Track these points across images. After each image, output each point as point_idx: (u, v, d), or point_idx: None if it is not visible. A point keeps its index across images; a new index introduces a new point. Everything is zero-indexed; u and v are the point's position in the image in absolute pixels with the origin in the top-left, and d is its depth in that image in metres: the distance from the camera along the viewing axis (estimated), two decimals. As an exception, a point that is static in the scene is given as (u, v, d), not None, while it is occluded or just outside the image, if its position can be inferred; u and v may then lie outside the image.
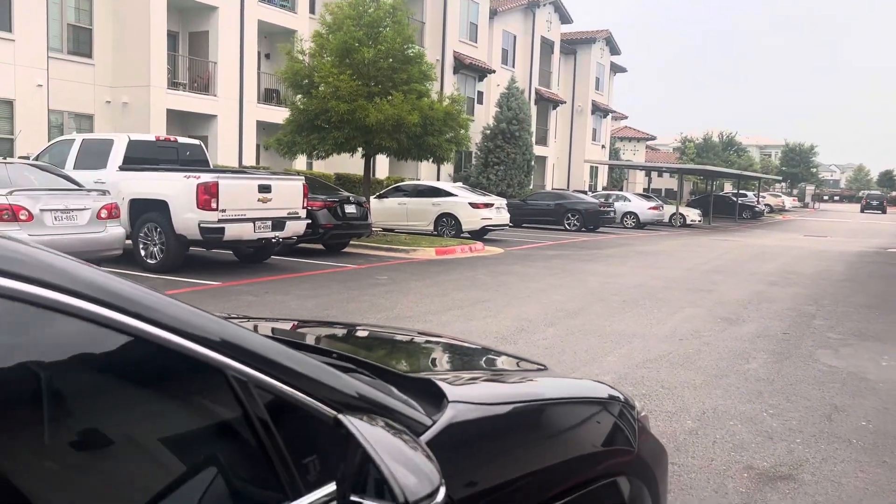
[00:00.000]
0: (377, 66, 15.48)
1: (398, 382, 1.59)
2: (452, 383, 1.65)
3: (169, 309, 1.09)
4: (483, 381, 1.92)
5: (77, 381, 1.04)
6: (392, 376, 1.65)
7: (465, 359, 2.41)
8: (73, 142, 11.99)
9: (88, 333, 1.01)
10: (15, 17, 17.31)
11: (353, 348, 2.19)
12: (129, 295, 1.06)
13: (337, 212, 13.75)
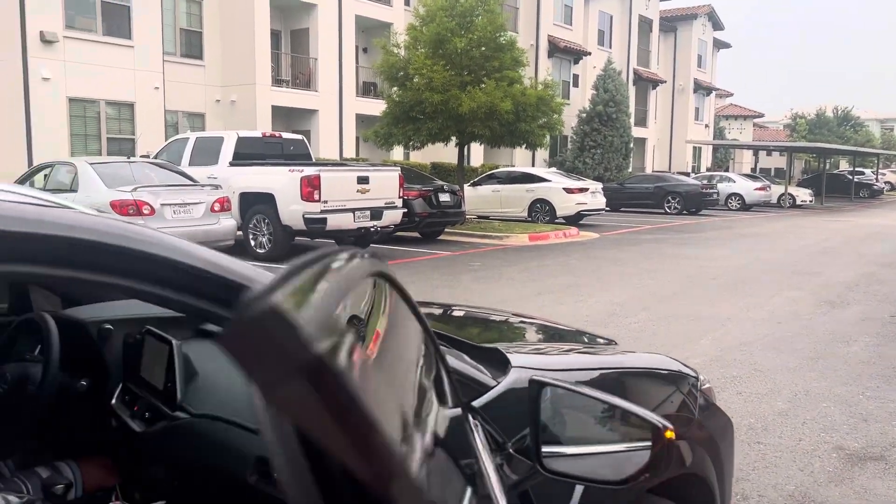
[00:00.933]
0: (469, 56, 15.69)
1: (469, 350, 1.81)
2: (517, 352, 1.85)
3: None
4: (546, 351, 2.12)
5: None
6: (465, 345, 1.87)
7: (535, 333, 2.60)
8: (188, 140, 12.85)
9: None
10: (134, 25, 18.59)
11: (435, 322, 2.43)
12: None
13: (432, 200, 14.08)
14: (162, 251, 1.23)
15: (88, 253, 1.15)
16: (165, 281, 1.22)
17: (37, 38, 16.69)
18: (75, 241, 1.14)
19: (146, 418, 1.81)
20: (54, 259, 1.11)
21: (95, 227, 1.19)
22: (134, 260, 1.18)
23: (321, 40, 23.17)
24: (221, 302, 1.26)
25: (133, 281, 1.19)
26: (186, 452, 1.68)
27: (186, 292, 1.24)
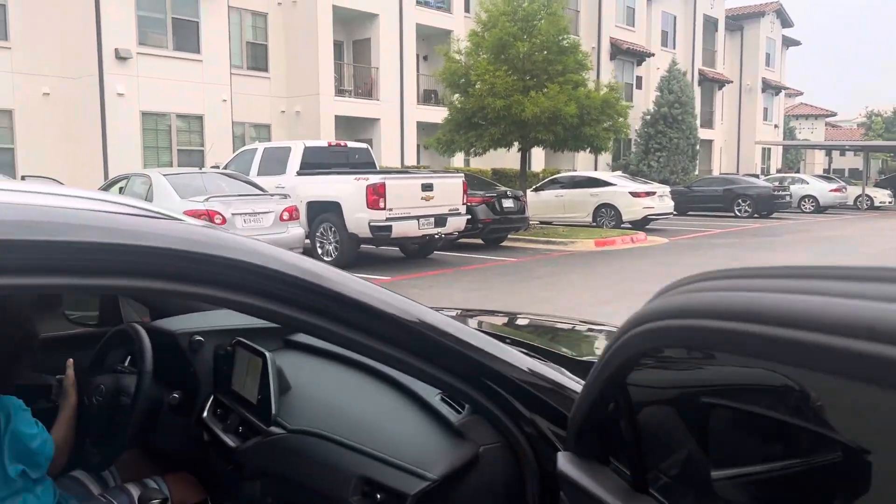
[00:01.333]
0: (532, 60, 15.57)
1: (568, 365, 1.71)
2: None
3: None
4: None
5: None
6: (563, 359, 1.77)
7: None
8: (256, 150, 13.10)
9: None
10: (202, 40, 19.12)
11: (525, 335, 2.34)
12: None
13: (495, 206, 13.98)
14: (268, 262, 1.18)
15: (192, 265, 1.11)
16: (270, 293, 1.18)
17: (112, 56, 17.33)
18: (179, 253, 1.10)
19: (239, 433, 1.77)
20: (166, 274, 1.07)
21: (195, 238, 1.15)
22: (243, 272, 1.14)
23: (383, 50, 23.39)
24: (320, 312, 1.21)
25: (240, 294, 1.15)
26: (282, 469, 1.63)
27: (288, 303, 1.19)
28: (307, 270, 1.22)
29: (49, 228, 1.00)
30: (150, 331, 2.03)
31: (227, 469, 1.80)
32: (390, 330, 1.27)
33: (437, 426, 1.47)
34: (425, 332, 1.29)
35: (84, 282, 1.03)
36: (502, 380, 1.35)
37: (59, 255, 0.99)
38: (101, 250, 1.02)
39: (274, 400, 1.69)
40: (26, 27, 17.40)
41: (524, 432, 1.38)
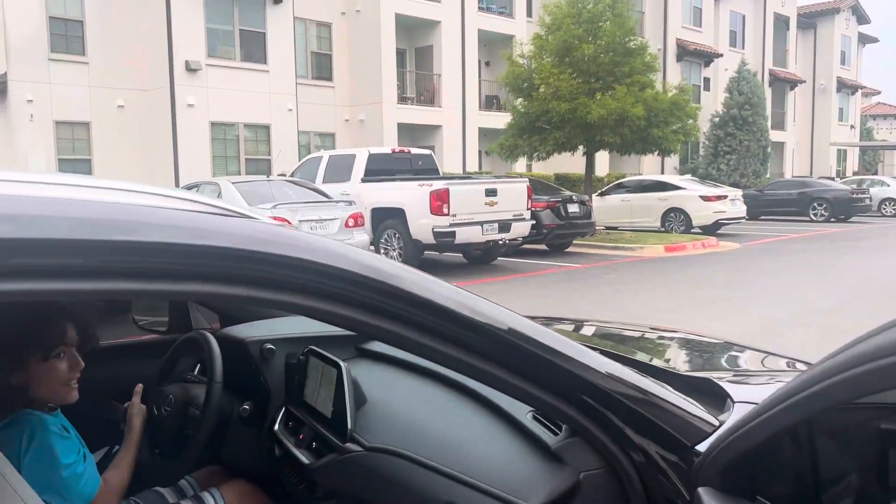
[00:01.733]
0: (597, 62, 15.28)
1: (673, 380, 1.54)
2: (733, 382, 1.56)
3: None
4: (763, 381, 1.80)
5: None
6: (667, 374, 1.60)
7: (730, 356, 2.28)
8: (321, 158, 13.21)
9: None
10: (269, 51, 19.49)
11: (616, 346, 2.16)
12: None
13: (560, 211, 13.72)
14: (346, 265, 1.06)
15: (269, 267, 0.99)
16: (349, 298, 1.05)
17: (182, 68, 17.81)
18: (255, 254, 0.99)
19: (312, 448, 1.66)
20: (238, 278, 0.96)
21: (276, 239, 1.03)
22: (321, 276, 1.02)
23: (445, 56, 23.40)
24: (401, 318, 1.09)
25: (318, 301, 1.03)
26: (359, 491, 1.51)
27: (367, 309, 1.07)
28: (387, 273, 1.09)
29: (111, 227, 0.89)
30: (219, 338, 1.95)
31: (300, 487, 1.69)
32: (478, 339, 1.13)
33: (532, 448, 1.32)
34: (518, 342, 1.15)
35: (147, 287, 0.92)
36: (605, 397, 1.20)
37: (121, 256, 0.89)
38: (165, 251, 0.92)
39: (350, 414, 1.57)
40: (102, 42, 18.05)
41: (630, 457, 1.22)
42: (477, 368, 1.14)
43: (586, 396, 1.19)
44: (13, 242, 0.82)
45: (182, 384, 1.98)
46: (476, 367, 1.14)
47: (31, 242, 0.83)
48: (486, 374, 1.15)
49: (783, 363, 2.30)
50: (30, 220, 0.84)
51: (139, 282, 0.90)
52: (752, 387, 1.59)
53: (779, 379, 1.89)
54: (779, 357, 2.36)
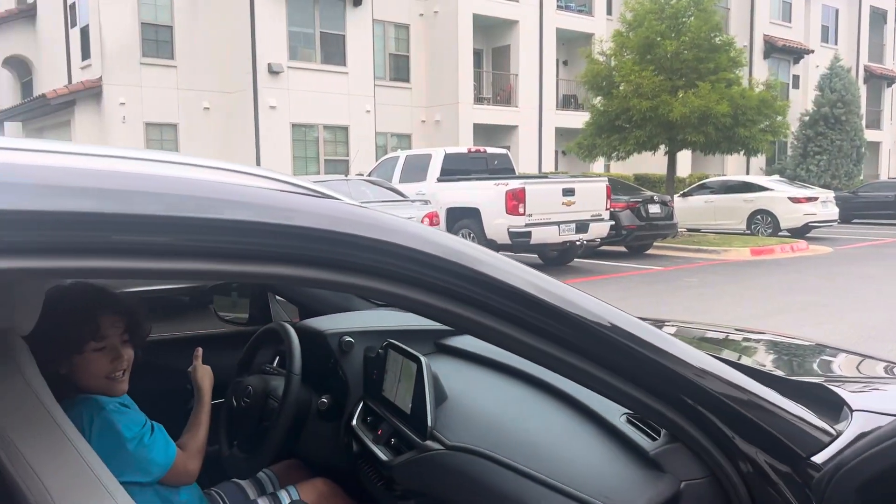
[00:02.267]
0: (681, 59, 14.85)
1: (779, 385, 1.41)
2: (848, 389, 1.42)
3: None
4: (876, 387, 1.64)
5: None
6: (772, 378, 1.47)
7: (825, 360, 2.10)
8: (398, 158, 13.29)
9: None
10: (348, 53, 19.79)
11: (716, 347, 2.03)
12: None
13: (640, 212, 13.37)
14: (435, 250, 1.00)
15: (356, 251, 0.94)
16: (436, 286, 0.99)
17: (265, 71, 18.29)
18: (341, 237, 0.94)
19: (391, 445, 1.60)
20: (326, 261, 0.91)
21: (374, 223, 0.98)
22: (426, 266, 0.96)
23: (522, 56, 23.24)
24: (491, 309, 1.01)
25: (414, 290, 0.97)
26: (440, 492, 1.44)
27: (457, 299, 1.00)
28: (478, 260, 1.02)
29: (201, 205, 0.85)
30: (298, 330, 1.92)
31: (377, 484, 1.64)
32: (573, 333, 1.04)
33: (626, 454, 1.22)
34: (618, 338, 1.06)
35: (232, 268, 0.88)
36: (710, 399, 1.09)
37: (209, 235, 0.84)
38: (251, 231, 0.87)
39: (430, 411, 1.51)
40: (190, 47, 18.72)
41: (737, 466, 1.11)
42: (571, 365, 1.06)
43: (689, 398, 1.09)
44: (114, 218, 0.79)
45: (261, 376, 1.97)
46: (570, 363, 1.05)
47: (128, 218, 0.80)
48: (581, 372, 1.06)
49: (881, 368, 2.12)
50: (128, 196, 0.81)
51: (224, 263, 0.86)
52: (872, 394, 1.44)
53: (885, 385, 1.73)
54: (877, 361, 2.18)
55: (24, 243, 0.75)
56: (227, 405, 2.02)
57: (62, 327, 1.48)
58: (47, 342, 1.45)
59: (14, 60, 22.49)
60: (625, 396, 1.09)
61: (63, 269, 0.80)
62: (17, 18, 22.24)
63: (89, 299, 1.54)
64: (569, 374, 1.08)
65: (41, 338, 1.43)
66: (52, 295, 1.47)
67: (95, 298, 1.54)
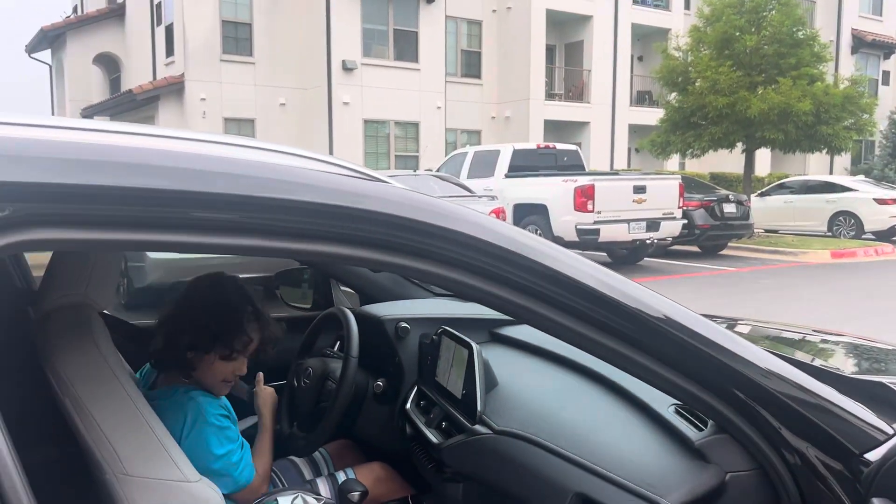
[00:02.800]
0: (760, 54, 14.37)
1: (838, 382, 1.38)
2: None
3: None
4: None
5: None
6: (831, 375, 1.44)
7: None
8: (466, 154, 13.33)
9: None
10: (420, 49, 19.95)
11: (772, 343, 1.99)
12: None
13: (714, 211, 13.01)
14: (494, 238, 1.02)
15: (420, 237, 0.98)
16: (490, 273, 1.01)
17: (339, 67, 18.62)
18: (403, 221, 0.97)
19: (442, 428, 1.64)
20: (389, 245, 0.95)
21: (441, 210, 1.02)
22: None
23: (595, 51, 22.91)
24: (546, 299, 1.03)
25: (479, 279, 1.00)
26: (487, 474, 1.47)
27: (512, 287, 1.03)
28: (537, 251, 1.04)
29: (273, 186, 0.91)
30: (357, 315, 1.98)
31: (428, 466, 1.68)
32: (627, 325, 1.05)
33: (672, 443, 1.22)
34: (669, 329, 1.06)
35: (298, 246, 0.93)
36: (761, 393, 1.08)
37: (279, 215, 0.90)
38: (323, 213, 0.92)
39: (480, 396, 1.54)
40: (267, 44, 19.22)
41: (785, 461, 1.10)
42: (623, 356, 1.07)
43: (739, 391, 1.08)
44: (192, 195, 0.85)
45: (321, 358, 2.04)
46: (622, 353, 1.07)
47: (206, 196, 0.86)
48: (633, 363, 1.07)
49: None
50: (207, 176, 0.87)
51: (292, 241, 0.91)
52: None
53: None
54: None
55: (116, 217, 0.82)
56: (289, 386, 2.10)
57: (221, 323, 1.57)
58: (199, 327, 1.56)
59: (104, 58, 23.60)
60: (674, 387, 1.09)
61: (146, 242, 0.87)
62: (108, 18, 23.33)
63: (253, 311, 1.62)
64: (622, 364, 1.09)
65: (195, 319, 1.56)
66: (221, 286, 1.61)
67: (256, 313, 1.62)
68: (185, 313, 1.60)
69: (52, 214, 0.79)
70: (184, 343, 1.57)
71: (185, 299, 1.63)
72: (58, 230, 0.80)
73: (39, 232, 0.78)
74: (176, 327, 1.59)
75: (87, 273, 1.50)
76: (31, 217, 0.77)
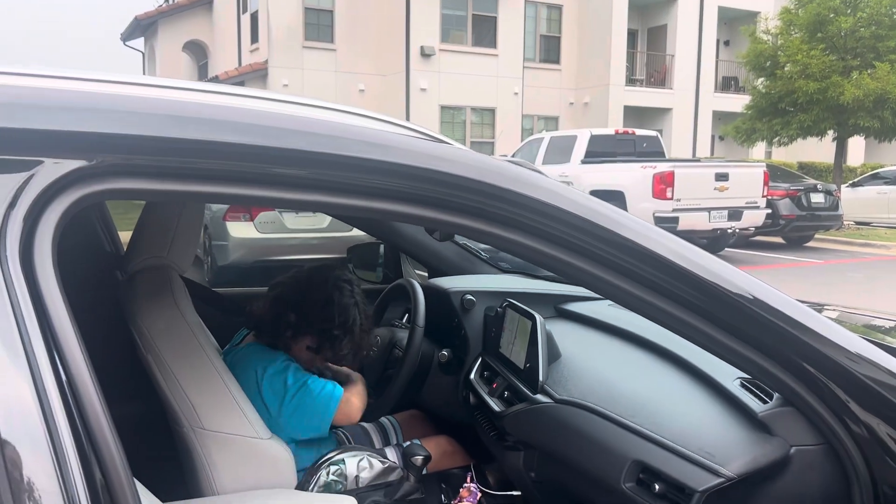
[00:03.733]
0: (856, 37, 13.66)
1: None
2: None
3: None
4: None
5: None
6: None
7: None
8: (542, 140, 13.21)
9: None
10: (499, 35, 19.84)
11: (854, 328, 1.92)
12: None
13: (801, 201, 12.48)
14: (566, 205, 1.03)
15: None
16: (563, 240, 1.03)
17: (417, 53, 18.73)
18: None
19: (504, 398, 1.66)
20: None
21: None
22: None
23: (679, 36, 22.24)
24: (616, 267, 1.04)
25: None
26: (546, 442, 1.48)
27: (581, 253, 1.04)
28: (612, 220, 1.05)
29: (353, 145, 0.94)
30: (425, 288, 2.02)
31: (490, 435, 1.71)
32: (696, 294, 1.05)
33: (735, 415, 1.20)
34: (739, 301, 1.05)
35: (375, 205, 0.96)
36: (831, 366, 1.05)
37: (355, 174, 0.93)
38: (400, 173, 0.95)
39: (542, 366, 1.55)
40: (348, 30, 19.51)
41: (853, 436, 1.07)
42: (689, 325, 1.07)
43: (807, 364, 1.06)
44: (271, 151, 0.89)
45: (389, 328, 2.10)
46: (697, 327, 1.07)
47: (282, 152, 0.90)
48: (707, 336, 1.07)
49: None
50: (284, 133, 0.91)
51: (368, 199, 0.95)
52: None
53: None
54: None
55: (206, 171, 0.88)
56: None
57: (328, 324, 1.69)
58: (306, 316, 1.68)
59: (192, 45, 24.49)
60: (742, 359, 1.08)
61: (226, 195, 0.92)
62: (197, 6, 24.17)
63: (360, 324, 1.72)
64: (696, 338, 1.09)
65: (307, 308, 1.69)
66: (342, 290, 1.72)
67: (361, 328, 1.73)
68: (301, 296, 1.70)
69: (135, 165, 0.84)
70: (286, 321, 1.68)
71: (308, 282, 1.74)
72: (140, 181, 0.85)
73: (125, 182, 0.84)
74: (287, 304, 1.70)
75: (170, 238, 1.58)
76: (116, 168, 0.83)
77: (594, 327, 1.81)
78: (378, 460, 1.77)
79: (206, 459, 1.56)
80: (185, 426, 1.55)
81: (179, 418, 1.55)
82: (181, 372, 1.52)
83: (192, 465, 1.60)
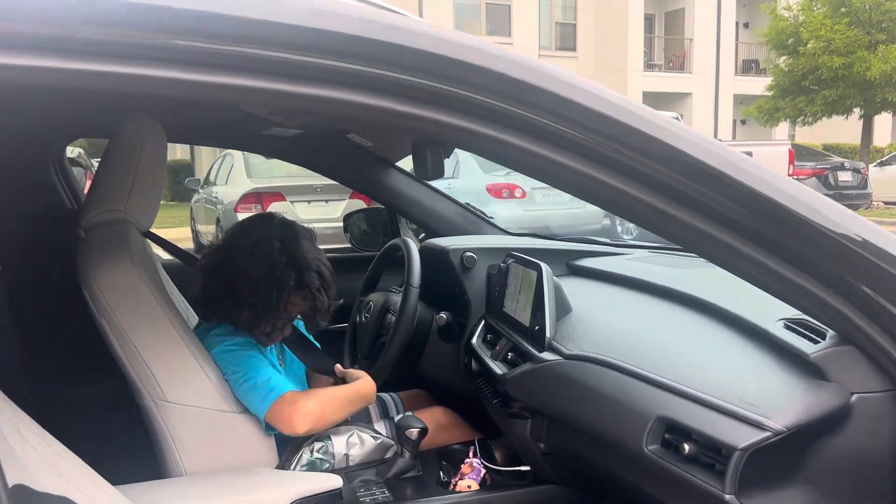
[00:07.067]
0: (882, 10, 13.24)
1: None
2: None
3: None
4: None
5: None
6: None
7: None
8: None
9: None
10: (513, 23, 19.60)
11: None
12: None
13: (828, 180, 12.11)
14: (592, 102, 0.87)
15: None
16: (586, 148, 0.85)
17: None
18: None
19: (508, 360, 1.46)
20: None
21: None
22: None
23: (697, 19, 21.82)
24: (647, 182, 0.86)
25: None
26: (556, 403, 1.28)
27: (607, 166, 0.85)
28: (656, 126, 0.87)
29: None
30: (423, 249, 1.84)
31: (493, 402, 1.51)
32: (747, 215, 0.85)
33: (781, 360, 0.99)
34: (800, 215, 0.84)
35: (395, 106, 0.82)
36: None
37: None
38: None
39: (549, 321, 1.35)
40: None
41: None
42: (746, 256, 0.86)
43: (874, 291, 0.84)
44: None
45: (384, 293, 1.93)
46: (746, 253, 0.86)
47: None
48: (745, 258, 0.86)
49: None
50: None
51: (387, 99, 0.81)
52: None
53: None
54: None
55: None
56: (351, 324, 2.00)
57: (264, 267, 1.44)
58: (244, 268, 1.45)
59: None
60: (793, 287, 0.87)
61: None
62: None
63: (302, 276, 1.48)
64: (746, 269, 0.90)
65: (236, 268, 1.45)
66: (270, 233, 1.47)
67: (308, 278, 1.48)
68: (224, 261, 1.49)
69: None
70: (216, 292, 1.48)
71: (227, 244, 1.52)
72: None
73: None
74: (213, 274, 1.49)
75: (127, 189, 1.41)
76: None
77: (610, 282, 1.61)
78: (370, 436, 1.58)
79: (172, 436, 1.38)
80: (146, 398, 1.37)
81: (140, 390, 1.38)
82: (139, 339, 1.35)
83: (158, 443, 1.42)
